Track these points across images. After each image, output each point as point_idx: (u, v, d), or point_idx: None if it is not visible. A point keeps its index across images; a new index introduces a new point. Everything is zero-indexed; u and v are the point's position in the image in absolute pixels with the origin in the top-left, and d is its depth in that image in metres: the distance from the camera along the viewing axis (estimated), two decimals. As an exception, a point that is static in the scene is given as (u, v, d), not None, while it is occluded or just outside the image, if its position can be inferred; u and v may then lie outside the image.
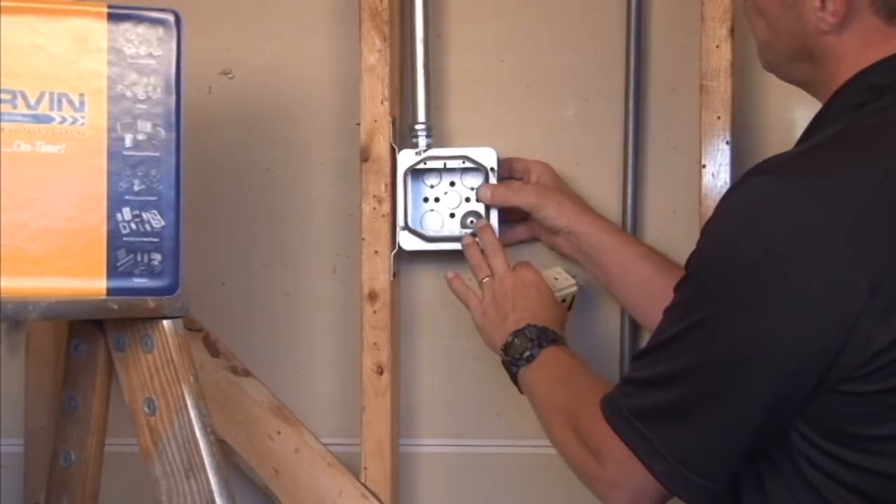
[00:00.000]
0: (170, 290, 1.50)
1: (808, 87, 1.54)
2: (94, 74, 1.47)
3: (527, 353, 1.71)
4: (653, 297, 1.53)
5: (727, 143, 1.83)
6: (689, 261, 1.44)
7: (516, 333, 1.73)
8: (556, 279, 1.88)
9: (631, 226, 1.92)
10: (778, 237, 1.36)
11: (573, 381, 1.63)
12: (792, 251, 1.35)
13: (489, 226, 1.88)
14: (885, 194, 1.36)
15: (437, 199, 1.92)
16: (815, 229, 1.34)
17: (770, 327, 1.36)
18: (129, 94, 1.48)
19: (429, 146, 1.90)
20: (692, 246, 1.44)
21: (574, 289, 1.88)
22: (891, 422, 1.36)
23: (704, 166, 1.84)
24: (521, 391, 1.71)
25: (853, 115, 1.43)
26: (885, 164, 1.38)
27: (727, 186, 1.79)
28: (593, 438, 1.49)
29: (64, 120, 1.46)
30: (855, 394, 1.35)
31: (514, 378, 1.72)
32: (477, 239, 1.87)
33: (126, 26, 1.48)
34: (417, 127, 1.90)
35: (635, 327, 1.91)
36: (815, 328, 1.34)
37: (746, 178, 1.45)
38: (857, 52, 1.45)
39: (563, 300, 1.87)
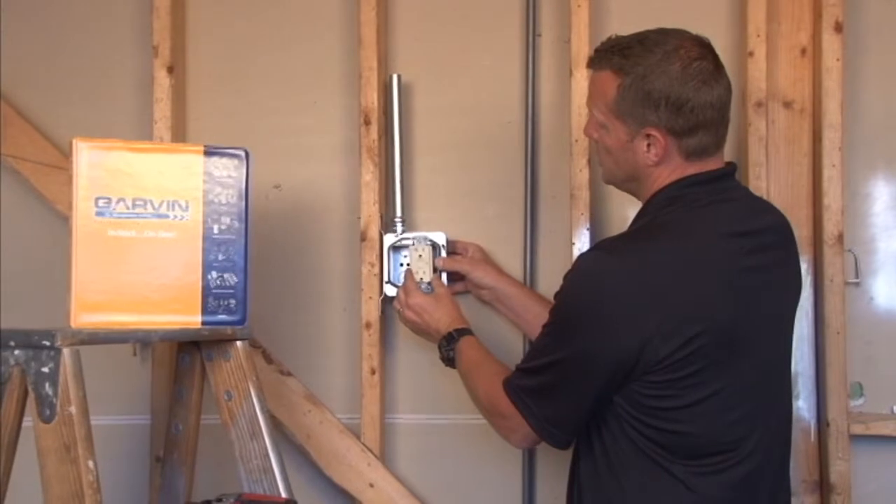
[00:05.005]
0: (241, 322, 1.53)
1: (634, 194, 1.54)
2: (195, 188, 1.50)
3: (448, 354, 1.69)
4: (541, 325, 1.55)
5: (588, 229, 1.84)
6: (556, 295, 1.47)
7: (439, 344, 1.72)
8: (421, 278, 1.82)
9: (529, 282, 1.91)
10: (598, 290, 1.39)
11: (480, 367, 1.63)
12: (606, 299, 1.38)
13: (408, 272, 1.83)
14: (670, 263, 1.39)
15: (408, 264, 1.87)
16: (623, 285, 1.37)
17: (593, 345, 1.40)
18: (216, 200, 1.50)
19: (403, 231, 1.88)
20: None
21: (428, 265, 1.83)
22: (667, 399, 1.39)
23: (574, 244, 1.84)
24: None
25: (656, 214, 1.46)
26: (670, 245, 1.41)
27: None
28: (500, 403, 1.51)
29: (176, 217, 1.48)
30: (649, 382, 1.38)
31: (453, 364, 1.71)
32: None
33: (215, 158, 1.51)
34: (396, 219, 1.88)
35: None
36: (621, 347, 1.37)
37: (588, 251, 1.50)
38: (665, 175, 1.46)
39: (435, 270, 1.82)
